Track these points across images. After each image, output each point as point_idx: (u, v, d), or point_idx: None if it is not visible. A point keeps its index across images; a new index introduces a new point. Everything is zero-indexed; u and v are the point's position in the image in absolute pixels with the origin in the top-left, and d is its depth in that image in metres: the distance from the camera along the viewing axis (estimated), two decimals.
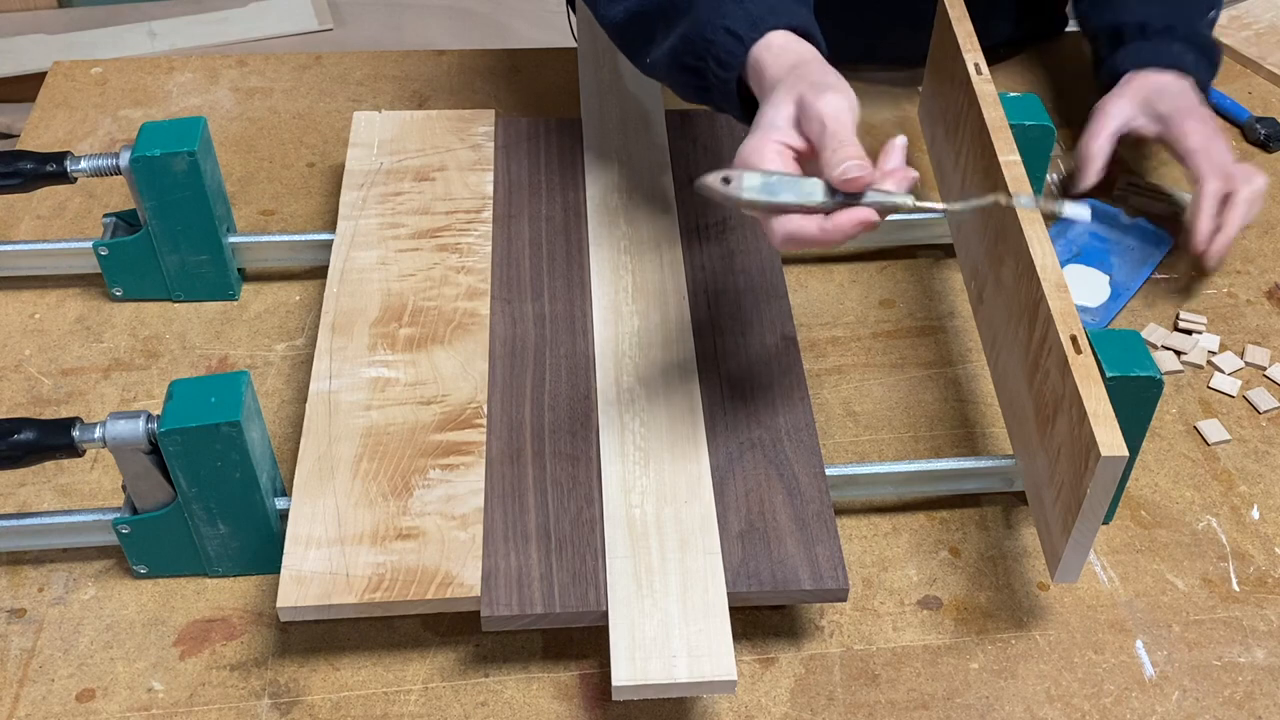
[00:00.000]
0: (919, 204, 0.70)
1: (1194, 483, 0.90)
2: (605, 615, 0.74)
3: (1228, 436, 0.92)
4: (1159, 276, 1.04)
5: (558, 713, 0.76)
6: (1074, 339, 0.73)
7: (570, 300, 0.92)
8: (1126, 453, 0.68)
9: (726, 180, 0.68)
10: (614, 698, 0.71)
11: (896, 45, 1.17)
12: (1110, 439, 0.68)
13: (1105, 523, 0.87)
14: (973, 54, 0.93)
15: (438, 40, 2.39)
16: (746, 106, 0.79)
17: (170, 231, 0.95)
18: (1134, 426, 0.76)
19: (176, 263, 0.97)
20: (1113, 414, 0.69)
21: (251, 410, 0.76)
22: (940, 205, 0.74)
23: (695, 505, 0.79)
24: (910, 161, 1.13)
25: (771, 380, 0.87)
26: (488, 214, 0.99)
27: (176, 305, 1.00)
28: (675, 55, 0.81)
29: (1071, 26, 1.26)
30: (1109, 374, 0.74)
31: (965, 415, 0.93)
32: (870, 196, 0.68)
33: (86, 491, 0.87)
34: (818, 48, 0.78)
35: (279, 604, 0.74)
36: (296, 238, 1.01)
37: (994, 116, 0.88)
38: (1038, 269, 0.78)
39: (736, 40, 0.77)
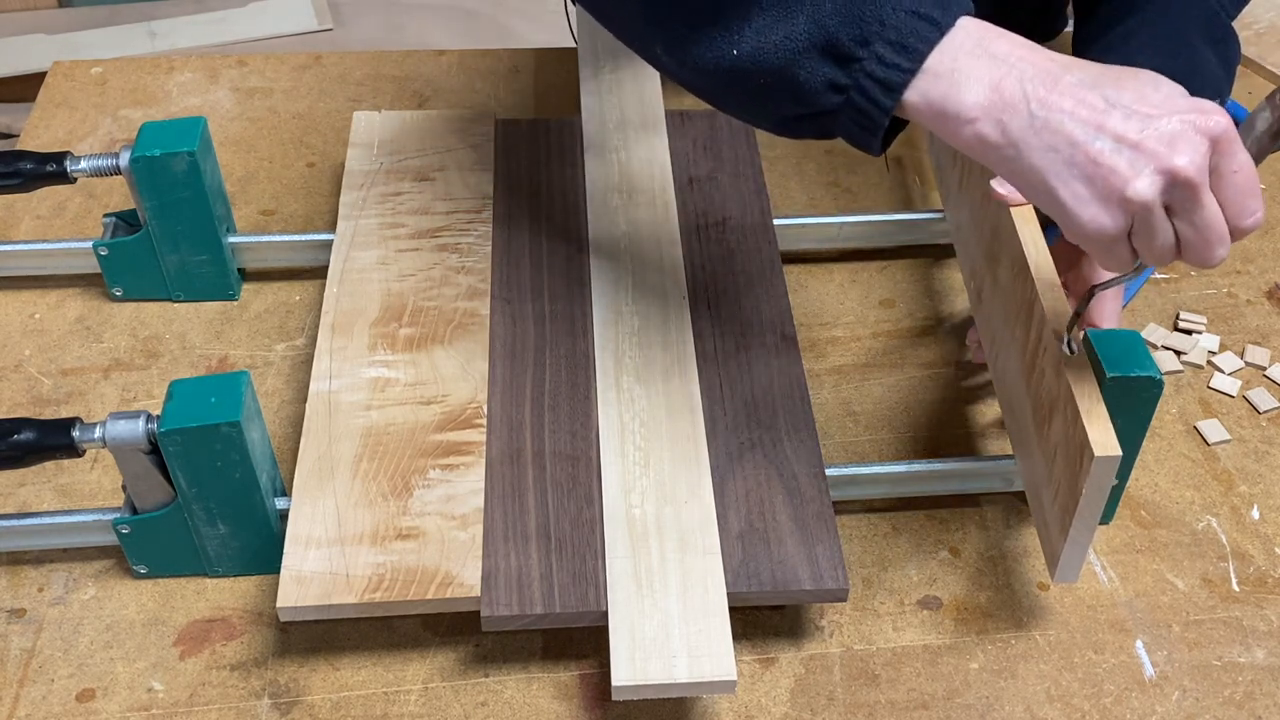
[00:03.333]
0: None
1: (1194, 483, 0.90)
2: (605, 615, 0.74)
3: (1228, 436, 0.92)
4: (1159, 276, 1.04)
5: (558, 713, 0.76)
6: (1068, 339, 0.73)
7: (570, 300, 0.92)
8: (1119, 452, 0.67)
9: None
10: (613, 698, 0.71)
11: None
12: (1103, 438, 0.68)
13: (1105, 523, 0.87)
14: None
15: (437, 40, 2.39)
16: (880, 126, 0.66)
17: (170, 231, 0.95)
18: (1134, 426, 0.76)
19: (176, 263, 0.97)
20: (1106, 413, 0.69)
21: (251, 410, 0.76)
22: None
23: (695, 505, 0.79)
24: (910, 161, 1.14)
25: (771, 380, 0.87)
26: (488, 214, 0.99)
27: (176, 305, 1.00)
28: (821, 40, 0.64)
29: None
30: (1109, 374, 0.73)
31: (965, 415, 0.93)
32: None
33: (86, 491, 0.87)
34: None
35: (279, 604, 0.74)
36: (296, 238, 1.01)
37: None
38: (1031, 268, 0.78)
39: (928, 24, 0.63)
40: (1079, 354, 0.73)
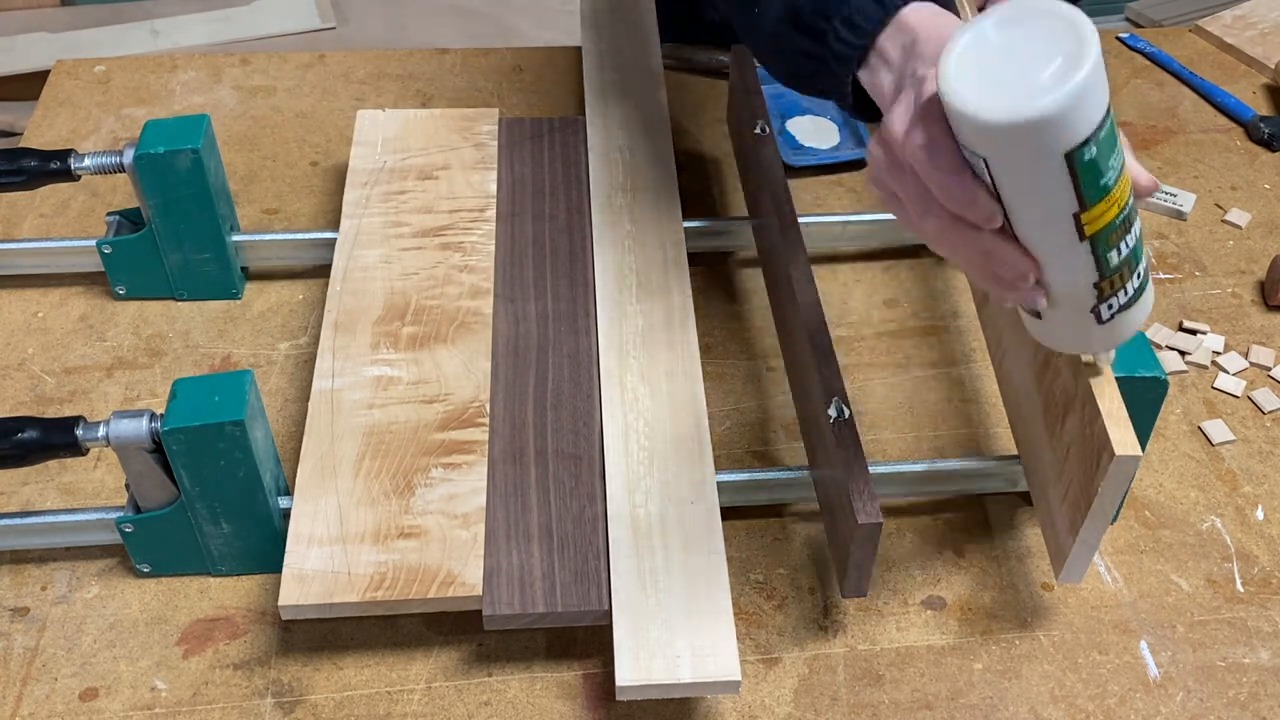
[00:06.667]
0: None
1: (1198, 483, 0.89)
2: (608, 614, 0.74)
3: (1232, 437, 0.92)
4: (1164, 276, 1.04)
5: (561, 712, 0.76)
6: None
7: (574, 299, 0.92)
8: (1140, 452, 0.67)
9: None
10: (618, 697, 0.71)
11: None
12: (1124, 438, 0.68)
13: (1110, 523, 0.87)
14: None
15: (441, 39, 2.39)
16: (857, 94, 0.70)
17: (174, 230, 0.95)
18: (1139, 427, 0.76)
19: (180, 261, 0.97)
20: (1126, 413, 0.69)
21: (255, 409, 0.76)
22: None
23: (699, 505, 0.79)
24: None
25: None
26: (491, 213, 0.99)
27: (180, 304, 1.00)
28: (791, 13, 0.71)
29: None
30: (1115, 374, 0.73)
31: (969, 415, 0.93)
32: None
33: (90, 490, 0.87)
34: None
35: (280, 602, 0.74)
36: (300, 236, 1.01)
37: None
38: None
39: (877, 5, 0.67)
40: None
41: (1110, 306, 0.65)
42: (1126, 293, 0.65)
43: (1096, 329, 0.66)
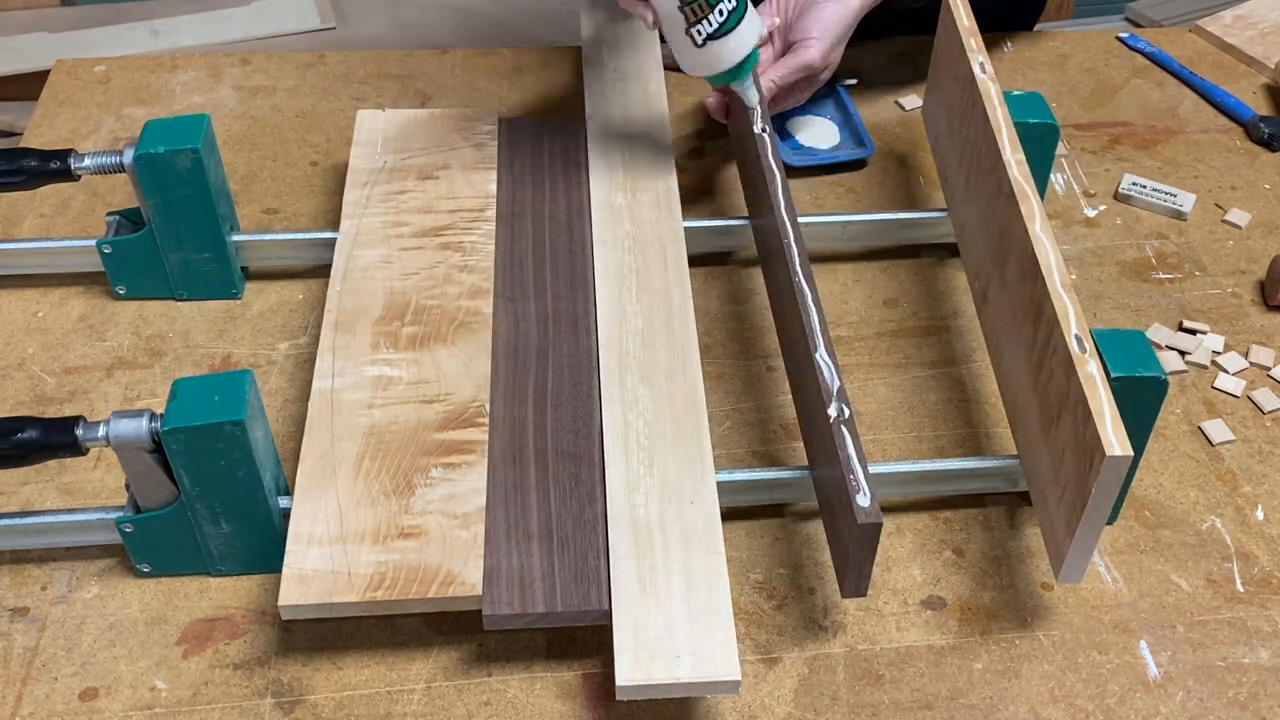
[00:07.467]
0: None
1: (1198, 483, 0.89)
2: (607, 614, 0.74)
3: (1232, 437, 0.92)
4: (1163, 276, 1.04)
5: (560, 712, 0.76)
6: (1079, 339, 0.73)
7: (573, 299, 0.92)
8: (1131, 452, 0.68)
9: None
10: (618, 697, 0.71)
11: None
12: (1115, 438, 0.68)
13: (1110, 523, 0.87)
14: (977, 53, 0.93)
15: (441, 39, 2.38)
16: None
17: (174, 229, 0.95)
18: (1138, 427, 0.76)
19: (180, 261, 0.97)
20: (1117, 413, 0.69)
21: (255, 409, 0.76)
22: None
23: (699, 505, 0.79)
24: (914, 161, 1.13)
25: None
26: (491, 213, 0.99)
27: (180, 304, 1.00)
28: None
29: (1059, 25, 1.26)
30: (1114, 374, 0.73)
31: (969, 415, 0.93)
32: None
33: (89, 490, 0.87)
34: None
35: (280, 602, 0.74)
36: (300, 236, 1.01)
37: (998, 115, 0.88)
38: (1042, 269, 0.78)
39: None
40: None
41: (700, 32, 0.87)
42: (711, 24, 0.86)
43: (698, 52, 0.89)
